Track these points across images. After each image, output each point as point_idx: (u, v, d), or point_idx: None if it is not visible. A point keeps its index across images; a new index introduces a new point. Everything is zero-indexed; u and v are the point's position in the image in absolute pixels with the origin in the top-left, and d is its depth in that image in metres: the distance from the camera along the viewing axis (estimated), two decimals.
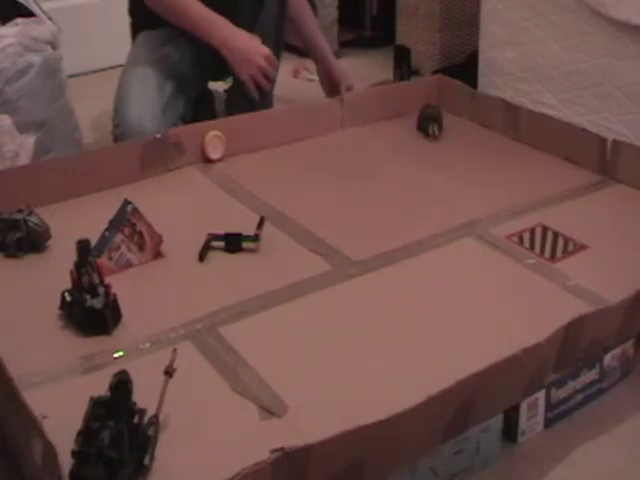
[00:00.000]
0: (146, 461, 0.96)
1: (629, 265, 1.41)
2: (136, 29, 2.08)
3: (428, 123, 1.96)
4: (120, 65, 2.02)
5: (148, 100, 1.88)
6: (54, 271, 1.34)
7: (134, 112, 1.85)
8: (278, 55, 2.05)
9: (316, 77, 2.69)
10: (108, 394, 0.97)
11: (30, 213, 1.48)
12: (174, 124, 1.89)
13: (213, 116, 2.10)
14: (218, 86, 2.27)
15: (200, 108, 2.06)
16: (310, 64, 2.76)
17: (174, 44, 1.99)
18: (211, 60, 2.04)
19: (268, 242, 1.51)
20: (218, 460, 0.99)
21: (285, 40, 2.09)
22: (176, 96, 1.94)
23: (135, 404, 1.00)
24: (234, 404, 1.10)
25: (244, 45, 1.88)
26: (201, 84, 2.14)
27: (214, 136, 1.82)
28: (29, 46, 1.81)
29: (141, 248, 1.43)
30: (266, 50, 1.88)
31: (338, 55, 2.88)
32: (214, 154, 1.83)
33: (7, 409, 1.07)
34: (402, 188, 1.71)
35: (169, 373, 1.05)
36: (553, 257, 1.45)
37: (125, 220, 1.41)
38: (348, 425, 0.96)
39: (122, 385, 0.98)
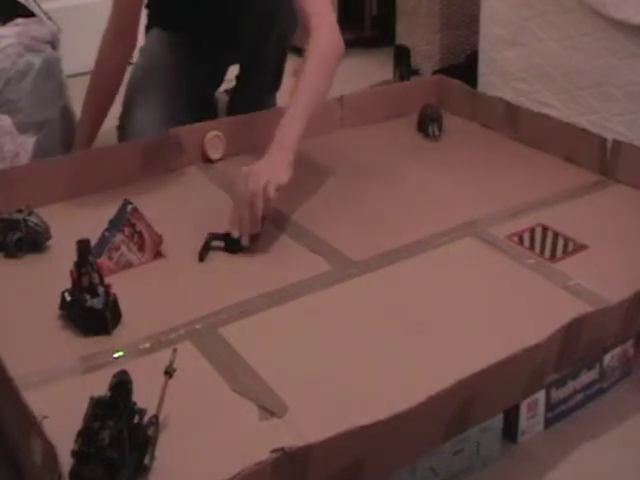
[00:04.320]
0: (146, 461, 0.96)
1: (629, 265, 1.41)
2: (150, 23, 2.07)
3: (428, 123, 1.96)
4: None
5: (155, 107, 1.88)
6: (54, 271, 1.34)
7: (139, 120, 1.85)
8: (284, 59, 2.04)
9: None
10: (108, 394, 0.97)
11: (30, 213, 1.47)
12: None
13: (214, 117, 2.10)
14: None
15: (204, 110, 2.06)
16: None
17: (186, 48, 1.98)
18: (220, 63, 2.05)
19: (268, 242, 1.51)
20: (218, 460, 0.99)
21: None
22: (184, 105, 1.94)
23: (135, 404, 1.00)
24: (234, 404, 1.10)
25: None
26: (210, 88, 2.15)
27: (214, 136, 1.82)
28: (29, 46, 1.81)
29: (141, 248, 1.43)
30: None
31: None
32: (214, 154, 1.83)
33: (7, 409, 1.07)
34: (402, 188, 1.71)
35: (169, 373, 1.05)
36: (553, 257, 1.45)
37: (125, 220, 1.41)
38: (348, 425, 0.96)
39: (122, 385, 0.98)
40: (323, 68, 1.59)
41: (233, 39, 1.95)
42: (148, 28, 2.07)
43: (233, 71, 2.12)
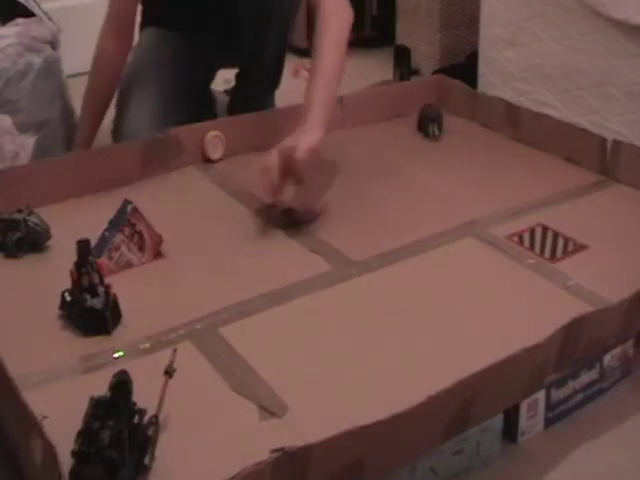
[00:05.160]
0: (146, 461, 0.96)
1: (629, 265, 1.41)
2: (144, 22, 2.06)
3: (428, 123, 1.96)
4: None
5: (148, 108, 1.87)
6: (54, 271, 1.34)
7: (132, 120, 1.85)
8: (283, 58, 2.05)
9: None
10: (108, 394, 0.97)
11: (30, 213, 1.47)
12: None
13: (213, 116, 2.10)
14: (218, 87, 2.27)
15: (200, 109, 2.06)
16: (310, 64, 2.75)
17: (181, 46, 1.98)
18: (216, 62, 2.04)
19: (268, 242, 1.51)
20: (218, 460, 0.99)
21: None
22: (178, 105, 1.94)
23: (135, 404, 1.00)
24: (234, 404, 1.10)
25: None
26: (204, 87, 2.14)
27: (214, 136, 1.82)
28: (29, 46, 1.81)
29: (141, 248, 1.43)
30: None
31: None
32: (214, 154, 1.83)
33: (7, 409, 1.07)
34: (402, 188, 1.71)
35: (169, 373, 1.05)
36: (553, 257, 1.45)
37: (125, 220, 1.41)
38: (348, 425, 0.96)
39: (122, 385, 0.98)
40: (338, 44, 1.63)
41: (234, 39, 1.95)
42: (142, 27, 2.06)
43: (233, 71, 2.12)
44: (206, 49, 2.01)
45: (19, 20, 1.83)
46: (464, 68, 2.38)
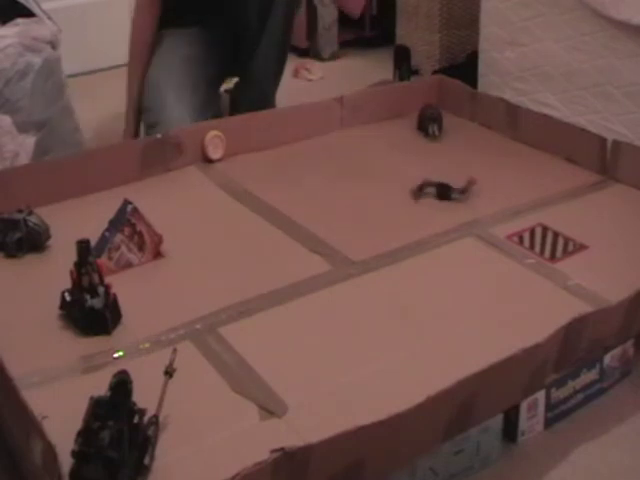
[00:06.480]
0: (146, 461, 0.96)
1: (629, 265, 1.41)
2: (162, 23, 2.07)
3: (428, 123, 1.96)
4: (120, 65, 2.02)
5: (187, 100, 1.89)
6: (54, 271, 1.34)
7: (175, 113, 1.86)
8: (284, 58, 2.05)
9: (315, 77, 2.69)
10: (108, 394, 0.97)
11: (30, 213, 1.48)
12: None
13: (215, 116, 2.10)
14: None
15: (215, 106, 2.07)
16: (310, 64, 2.76)
17: (203, 44, 2.00)
18: (229, 60, 2.05)
19: (268, 242, 1.51)
20: (218, 460, 0.99)
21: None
22: (210, 95, 1.95)
23: (135, 404, 1.00)
24: (234, 404, 1.10)
25: None
26: (220, 83, 2.16)
27: (214, 136, 1.82)
28: (29, 46, 1.81)
29: (141, 248, 1.43)
30: None
31: (338, 55, 2.89)
32: (214, 154, 1.83)
33: (7, 409, 1.07)
34: (402, 188, 1.71)
35: (169, 373, 1.06)
36: (553, 257, 1.45)
37: (125, 220, 1.41)
38: (348, 425, 0.96)
39: (122, 385, 0.99)
40: None
41: (240, 28, 1.96)
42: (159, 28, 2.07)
43: None
44: (221, 45, 2.02)
45: (19, 20, 1.83)
46: (464, 68, 2.39)
